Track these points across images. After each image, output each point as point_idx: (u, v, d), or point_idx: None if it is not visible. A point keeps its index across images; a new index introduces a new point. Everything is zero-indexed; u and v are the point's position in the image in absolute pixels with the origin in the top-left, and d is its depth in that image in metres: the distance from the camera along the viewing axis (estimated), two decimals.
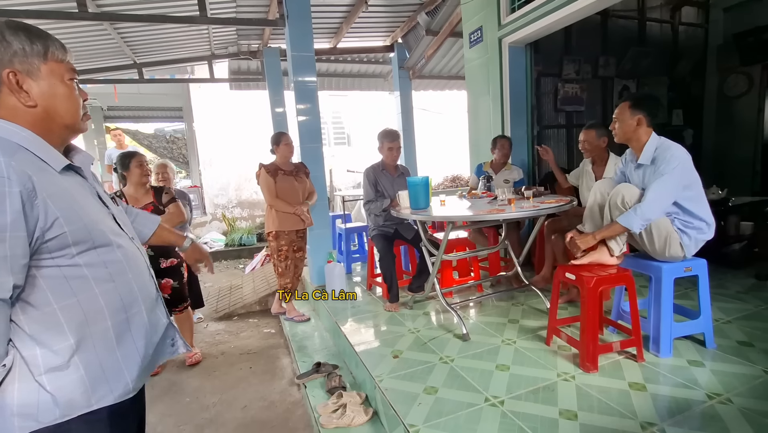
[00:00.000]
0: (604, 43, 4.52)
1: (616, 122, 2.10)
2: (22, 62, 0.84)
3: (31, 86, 0.85)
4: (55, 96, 0.88)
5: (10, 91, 0.83)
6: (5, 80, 0.82)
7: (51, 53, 0.88)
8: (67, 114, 0.91)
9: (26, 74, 0.85)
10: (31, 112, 0.86)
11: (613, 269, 2.11)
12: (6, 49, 0.82)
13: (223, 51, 6.31)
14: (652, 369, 1.97)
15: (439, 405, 1.81)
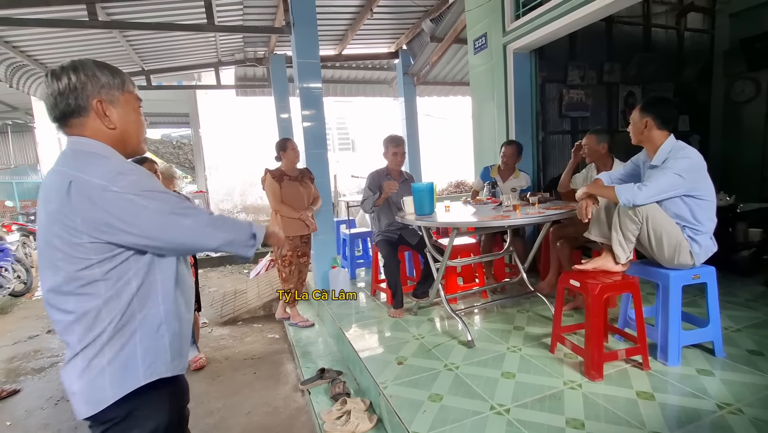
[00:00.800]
0: (609, 49, 4.52)
1: (629, 125, 2.14)
2: (106, 93, 1.04)
3: (112, 112, 1.04)
4: (129, 121, 1.08)
5: (96, 116, 1.02)
6: (94, 107, 1.02)
7: (126, 86, 1.08)
8: (136, 135, 1.11)
9: (109, 103, 1.04)
10: (111, 133, 1.05)
11: (619, 276, 2.10)
12: (96, 83, 1.02)
13: (230, 58, 6.38)
14: (659, 378, 1.94)
15: (444, 413, 1.80)
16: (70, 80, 1.00)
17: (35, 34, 4.42)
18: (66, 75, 1.00)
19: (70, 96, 1.00)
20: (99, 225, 0.93)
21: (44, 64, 5.34)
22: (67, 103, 1.00)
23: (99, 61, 1.05)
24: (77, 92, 1.00)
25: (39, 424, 2.44)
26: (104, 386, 0.97)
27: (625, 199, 1.94)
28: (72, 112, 1.01)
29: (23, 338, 3.95)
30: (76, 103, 1.00)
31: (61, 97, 1.00)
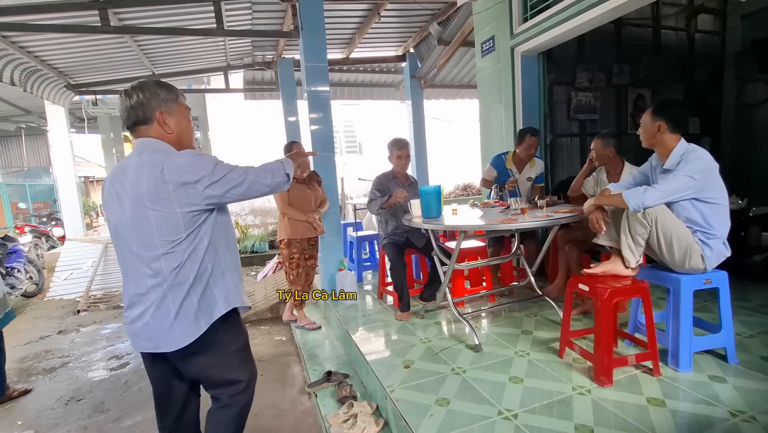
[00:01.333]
0: (618, 52, 4.49)
1: (641, 128, 2.12)
2: (165, 105, 1.35)
3: (170, 121, 1.36)
4: (182, 126, 1.40)
5: (158, 124, 1.35)
6: (157, 117, 1.34)
7: (179, 99, 1.39)
8: (187, 137, 1.42)
9: (167, 113, 1.36)
10: (169, 137, 1.37)
11: (628, 280, 2.07)
12: (158, 98, 1.34)
13: (239, 62, 6.45)
14: (670, 384, 1.91)
15: (451, 417, 1.79)
16: (138, 97, 1.31)
17: (49, 39, 4.50)
18: (135, 93, 1.32)
19: (138, 109, 1.32)
20: (187, 192, 1.25)
21: (57, 69, 5.44)
22: (137, 114, 1.32)
23: (159, 81, 1.39)
24: (144, 106, 1.32)
25: (49, 424, 2.47)
26: (197, 319, 1.32)
27: (634, 204, 1.92)
28: (140, 122, 1.34)
29: (35, 339, 4.01)
30: (144, 114, 1.33)
31: (132, 111, 1.32)
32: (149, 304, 1.30)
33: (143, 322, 1.31)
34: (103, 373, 3.13)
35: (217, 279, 1.36)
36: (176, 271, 1.28)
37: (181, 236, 1.28)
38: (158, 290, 1.29)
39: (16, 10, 3.51)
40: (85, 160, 15.18)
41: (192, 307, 1.31)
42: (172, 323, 1.29)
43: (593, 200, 2.14)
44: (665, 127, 2.00)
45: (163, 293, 1.29)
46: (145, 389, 2.82)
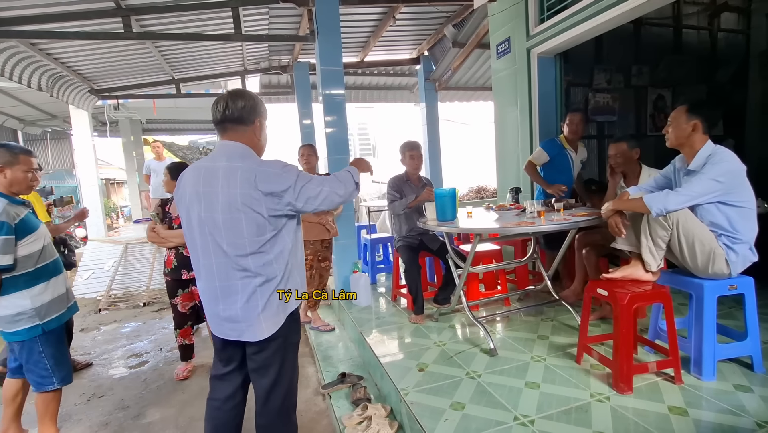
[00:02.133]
0: (637, 52, 4.41)
1: (670, 126, 2.03)
2: (260, 116, 1.51)
3: (262, 130, 1.53)
4: (264, 138, 1.57)
5: (254, 130, 1.49)
6: (255, 125, 1.49)
7: (266, 113, 1.55)
8: (265, 148, 1.58)
9: (260, 123, 1.51)
10: (257, 144, 1.52)
11: (649, 285, 2.03)
12: (260, 107, 1.51)
13: (255, 66, 6.55)
14: (693, 393, 1.86)
15: (466, 422, 1.78)
16: (246, 100, 1.46)
17: (74, 46, 4.66)
18: (243, 96, 1.47)
19: (243, 111, 1.45)
20: (275, 199, 1.37)
21: (82, 74, 5.62)
22: (240, 114, 1.45)
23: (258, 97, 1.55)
24: (249, 110, 1.46)
25: (73, 419, 2.54)
26: (278, 312, 1.46)
27: (656, 208, 1.86)
28: (238, 121, 1.45)
29: None
30: (246, 117, 1.46)
31: (235, 110, 1.44)
32: (239, 297, 1.42)
33: (231, 313, 1.44)
34: (123, 371, 3.20)
35: (294, 277, 1.51)
36: (265, 268, 1.41)
37: (266, 237, 1.39)
38: (249, 285, 1.41)
39: (44, 18, 3.65)
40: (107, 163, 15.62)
41: (275, 301, 1.45)
42: (259, 315, 1.43)
43: (612, 204, 2.09)
44: (700, 126, 1.94)
45: (253, 288, 1.41)
46: (163, 387, 2.88)
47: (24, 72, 4.80)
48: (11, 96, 8.30)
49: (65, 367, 2.14)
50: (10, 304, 1.94)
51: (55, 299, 2.08)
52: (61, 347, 2.13)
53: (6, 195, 1.99)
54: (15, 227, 1.91)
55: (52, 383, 2.07)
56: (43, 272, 2.04)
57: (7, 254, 1.87)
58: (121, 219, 13.11)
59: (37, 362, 2.04)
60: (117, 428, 2.41)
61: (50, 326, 2.04)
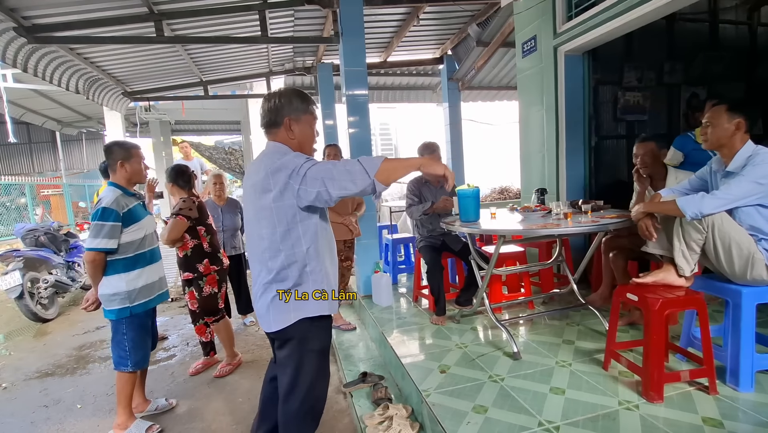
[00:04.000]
0: (669, 48, 4.24)
1: (709, 127, 1.94)
2: (295, 113, 1.48)
3: (295, 128, 1.49)
4: (304, 135, 1.51)
5: (285, 129, 1.48)
6: (285, 123, 1.47)
7: (308, 108, 1.51)
8: (308, 144, 1.55)
9: (295, 120, 1.48)
10: (291, 142, 1.50)
11: (682, 290, 1.95)
12: (290, 105, 1.47)
13: (280, 68, 6.66)
14: (729, 404, 1.78)
15: (489, 425, 1.76)
16: (274, 102, 1.47)
17: (109, 50, 4.85)
18: (273, 99, 1.48)
19: (272, 113, 1.47)
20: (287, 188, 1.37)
21: (116, 77, 5.85)
22: (270, 117, 1.48)
23: (297, 90, 1.52)
24: (276, 111, 1.46)
25: (105, 410, 2.65)
26: (289, 311, 1.47)
27: (691, 212, 1.79)
28: (271, 124, 1.49)
29: (92, 328, 4.31)
30: (275, 118, 1.47)
31: (267, 114, 1.48)
32: (257, 290, 1.53)
33: (257, 304, 1.55)
34: (151, 364, 3.32)
35: (316, 282, 1.49)
36: (277, 267, 1.44)
37: (278, 233, 1.41)
38: (264, 280, 1.48)
39: (81, 24, 3.82)
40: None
41: (286, 301, 1.47)
42: (268, 308, 1.49)
43: (643, 207, 2.02)
44: (744, 125, 1.86)
45: (267, 285, 1.48)
46: (189, 380, 2.97)
47: (63, 75, 5.04)
48: (50, 98, 8.74)
49: (141, 352, 2.32)
50: (108, 284, 2.16)
51: (147, 285, 2.28)
52: (142, 332, 2.32)
53: (122, 187, 2.23)
54: (123, 216, 2.14)
55: (127, 365, 2.26)
56: (140, 259, 2.25)
57: (112, 238, 2.10)
58: None
59: (120, 342, 2.25)
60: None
61: (137, 309, 2.24)
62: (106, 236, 2.08)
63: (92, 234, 2.07)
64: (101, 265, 2.14)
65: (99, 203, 2.13)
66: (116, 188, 2.20)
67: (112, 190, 2.18)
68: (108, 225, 2.08)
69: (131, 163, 2.24)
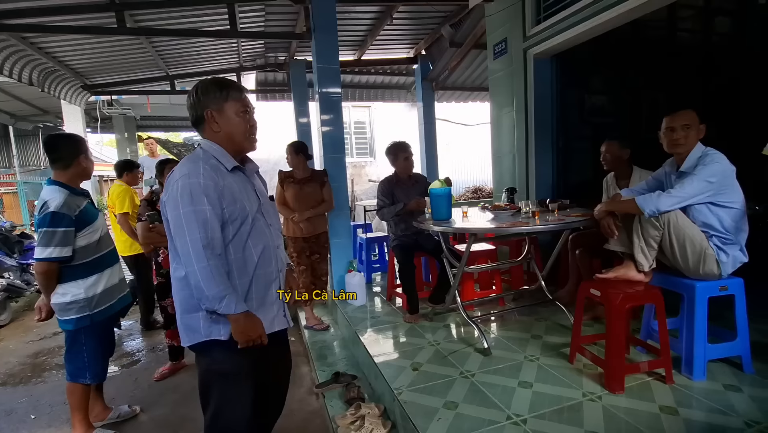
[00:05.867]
0: (633, 54, 4.43)
1: (691, 129, 2.00)
2: (215, 103, 1.36)
3: (219, 119, 1.37)
4: (231, 125, 1.38)
5: (208, 123, 1.37)
6: (206, 116, 1.36)
7: (230, 96, 1.37)
8: (238, 136, 1.40)
9: (216, 111, 1.37)
10: (217, 135, 1.39)
11: (641, 285, 2.04)
12: (208, 96, 1.35)
13: (251, 63, 6.51)
14: (684, 392, 1.88)
15: (459, 421, 1.78)
16: (192, 97, 1.37)
17: (66, 40, 4.60)
18: (191, 93, 1.37)
19: (192, 109, 1.38)
20: None
21: (74, 69, 5.56)
22: (193, 114, 1.39)
23: (217, 79, 1.40)
24: (196, 106, 1.37)
25: (61, 420, 2.51)
26: (190, 330, 1.37)
27: (649, 209, 1.89)
28: (196, 122, 1.40)
29: (48, 334, 4.08)
30: (197, 114, 1.38)
31: (190, 111, 1.39)
32: None
33: None
34: (114, 369, 3.17)
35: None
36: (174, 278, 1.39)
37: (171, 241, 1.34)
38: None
39: (34, 12, 3.60)
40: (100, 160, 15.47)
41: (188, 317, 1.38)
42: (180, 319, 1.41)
43: (605, 206, 2.11)
44: (704, 130, 1.99)
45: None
46: (154, 385, 2.86)
47: (15, 66, 4.73)
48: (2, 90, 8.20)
49: (102, 363, 2.18)
50: (65, 292, 1.98)
51: (108, 289, 2.12)
52: (103, 341, 2.17)
53: (68, 186, 2.01)
54: (75, 219, 1.95)
55: (85, 377, 2.10)
56: (98, 262, 2.08)
57: (66, 245, 1.91)
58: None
59: (77, 352, 2.08)
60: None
61: (99, 316, 2.08)
62: (59, 244, 1.88)
63: (42, 242, 1.86)
64: (55, 275, 1.95)
65: (45, 208, 1.90)
66: (61, 188, 1.96)
67: (58, 191, 1.94)
68: (60, 231, 1.87)
69: (85, 159, 2.07)
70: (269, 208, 1.52)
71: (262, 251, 1.41)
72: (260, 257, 1.40)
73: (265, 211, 1.48)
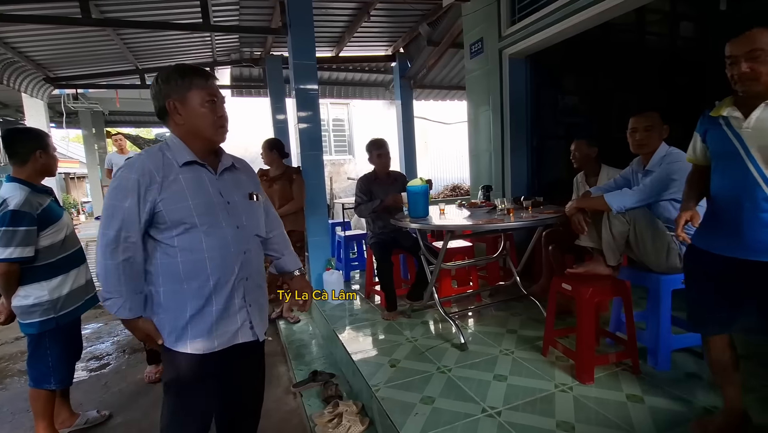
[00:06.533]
0: (604, 56, 4.57)
1: (654, 131, 2.10)
2: (177, 93, 1.23)
3: (181, 110, 1.24)
4: (194, 116, 1.24)
5: (170, 114, 1.25)
6: (168, 107, 1.24)
7: (193, 83, 1.23)
8: (204, 128, 1.26)
9: (179, 101, 1.23)
10: (180, 128, 1.27)
11: (609, 280, 2.11)
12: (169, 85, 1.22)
13: (226, 58, 6.36)
14: (649, 381, 1.96)
15: (435, 415, 1.80)
16: (153, 88, 1.24)
17: (27, 30, 4.37)
18: (153, 84, 1.25)
19: (154, 101, 1.25)
20: None
21: (36, 61, 5.29)
22: (155, 106, 1.26)
23: (181, 66, 1.26)
24: (157, 97, 1.24)
25: (25, 427, 2.40)
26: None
27: (616, 206, 1.96)
28: (159, 114, 1.27)
29: (10, 339, 3.88)
30: (159, 105, 1.25)
31: (153, 101, 1.26)
32: None
33: None
34: (82, 374, 3.05)
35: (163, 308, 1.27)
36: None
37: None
38: None
39: None
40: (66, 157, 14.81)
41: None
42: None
43: (575, 203, 2.17)
44: (667, 131, 2.08)
45: None
46: (125, 390, 2.77)
47: None
48: None
49: (67, 368, 2.08)
50: (27, 294, 1.89)
51: (74, 291, 2.03)
52: (69, 345, 2.08)
53: (28, 183, 1.91)
54: (37, 217, 1.86)
55: (50, 382, 2.01)
56: (64, 263, 1.99)
57: (28, 245, 1.82)
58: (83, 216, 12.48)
59: (41, 357, 1.99)
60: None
61: (64, 319, 1.99)
62: (21, 244, 1.79)
63: (2, 242, 1.77)
64: (16, 277, 1.85)
65: (4, 206, 1.80)
66: (22, 185, 1.87)
67: (19, 188, 1.85)
68: (21, 231, 1.79)
69: (44, 155, 1.97)
70: (239, 209, 1.35)
71: (218, 256, 1.26)
72: (213, 263, 1.25)
73: (232, 211, 1.32)
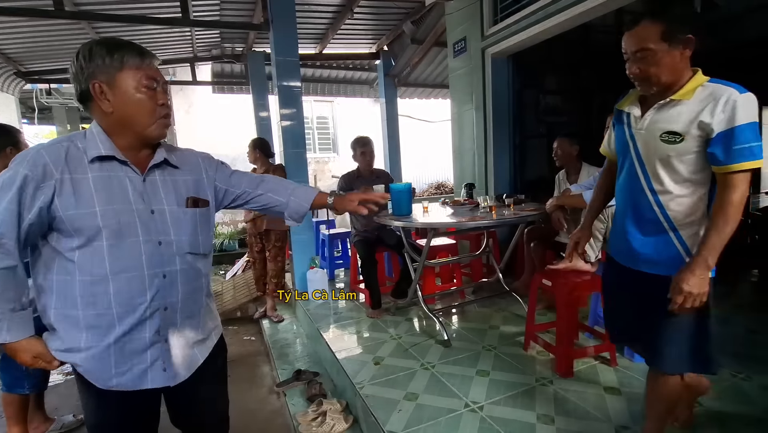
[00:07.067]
0: (585, 56, 4.65)
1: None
2: (104, 74, 0.97)
3: (110, 95, 0.98)
4: (127, 102, 0.99)
5: (95, 99, 0.99)
6: (93, 90, 0.97)
7: (125, 62, 0.97)
8: (139, 117, 1.01)
9: (107, 84, 0.97)
10: (108, 117, 1.00)
11: (588, 275, 2.16)
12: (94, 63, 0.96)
13: (206, 54, 6.24)
14: (626, 373, 2.02)
15: (419, 411, 1.81)
16: (74, 66, 0.98)
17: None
18: (73, 61, 0.98)
19: (74, 82, 1.00)
20: None
21: (5, 54, 5.09)
22: (76, 89, 1.00)
23: (108, 39, 1.01)
24: (78, 77, 0.98)
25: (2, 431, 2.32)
26: None
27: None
28: (81, 98, 1.01)
29: None
30: (80, 88, 0.99)
31: (73, 82, 1.00)
32: None
33: None
34: (58, 377, 2.96)
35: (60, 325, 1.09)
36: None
37: None
38: None
39: None
40: None
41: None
42: None
43: (555, 200, 2.22)
44: None
45: None
46: None
47: None
48: None
49: (40, 373, 2.03)
50: None
51: None
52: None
53: None
54: None
55: (23, 387, 1.96)
56: None
57: None
58: None
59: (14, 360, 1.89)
60: None
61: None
62: None
63: None
64: None
65: None
66: None
67: None
68: None
69: (16, 151, 1.89)
70: (166, 220, 1.05)
71: (123, 279, 1.00)
72: (117, 286, 0.99)
73: (155, 223, 1.03)
